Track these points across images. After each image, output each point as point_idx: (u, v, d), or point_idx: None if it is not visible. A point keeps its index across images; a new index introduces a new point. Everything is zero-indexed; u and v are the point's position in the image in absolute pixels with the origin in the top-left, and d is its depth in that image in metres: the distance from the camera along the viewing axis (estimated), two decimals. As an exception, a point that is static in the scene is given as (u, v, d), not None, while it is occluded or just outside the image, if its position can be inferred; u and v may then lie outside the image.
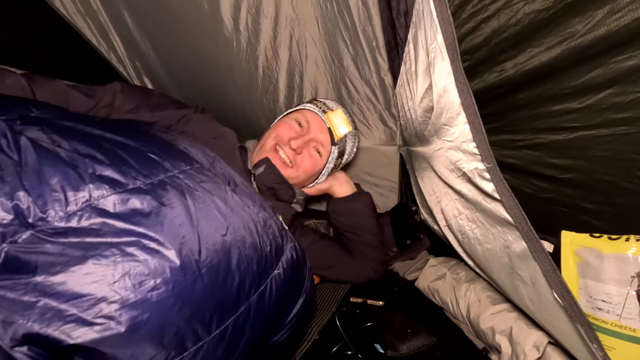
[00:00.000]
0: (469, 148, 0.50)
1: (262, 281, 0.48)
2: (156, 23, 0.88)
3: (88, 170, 0.38)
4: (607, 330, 0.52)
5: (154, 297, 0.36)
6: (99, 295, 0.34)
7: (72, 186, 0.36)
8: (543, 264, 0.45)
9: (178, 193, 0.43)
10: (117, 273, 0.35)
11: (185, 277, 0.39)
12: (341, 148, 0.85)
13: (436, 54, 0.50)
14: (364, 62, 0.80)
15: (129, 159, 0.42)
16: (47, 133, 0.39)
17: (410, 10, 0.58)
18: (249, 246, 0.46)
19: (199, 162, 0.50)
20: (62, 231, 0.34)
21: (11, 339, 0.32)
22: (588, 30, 0.47)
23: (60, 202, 0.35)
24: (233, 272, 0.44)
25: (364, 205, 0.91)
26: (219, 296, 0.42)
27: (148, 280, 0.36)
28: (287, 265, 0.52)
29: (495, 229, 0.53)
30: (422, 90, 0.60)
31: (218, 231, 0.44)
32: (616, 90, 0.48)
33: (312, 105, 0.85)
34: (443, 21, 0.46)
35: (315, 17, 0.76)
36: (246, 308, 0.45)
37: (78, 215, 0.35)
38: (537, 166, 0.64)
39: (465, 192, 0.57)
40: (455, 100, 0.48)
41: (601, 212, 0.58)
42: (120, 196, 0.38)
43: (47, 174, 0.35)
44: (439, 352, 0.69)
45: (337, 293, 0.86)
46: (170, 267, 0.38)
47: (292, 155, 0.79)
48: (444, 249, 0.86)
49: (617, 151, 0.52)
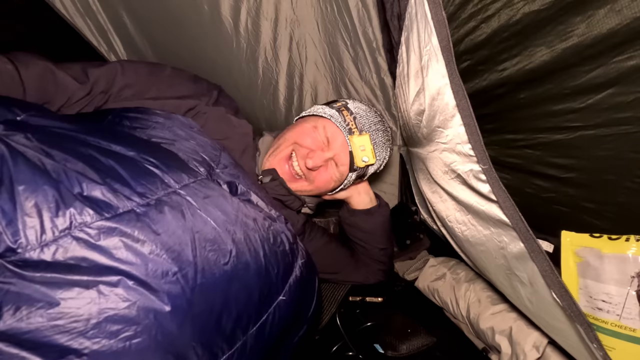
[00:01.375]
0: (464, 150, 0.50)
1: (264, 312, 0.43)
2: (156, 24, 0.88)
3: (74, 190, 0.33)
4: (607, 330, 0.52)
5: (133, 346, 0.31)
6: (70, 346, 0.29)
7: (51, 210, 0.31)
8: (541, 264, 0.45)
9: (177, 214, 0.38)
10: (93, 319, 0.30)
11: (172, 322, 0.34)
12: (360, 173, 0.74)
13: (430, 56, 0.49)
14: (364, 63, 0.80)
15: (124, 173, 0.37)
16: (33, 141, 0.34)
17: (403, 13, 0.58)
18: (253, 274, 0.42)
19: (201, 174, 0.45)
20: (34, 264, 0.30)
21: None
22: (589, 30, 0.46)
23: (35, 229, 0.30)
24: (230, 307, 0.39)
25: (380, 221, 0.84)
26: (211, 337, 0.37)
27: (127, 328, 0.31)
28: (295, 288, 0.47)
29: (489, 230, 0.53)
30: (413, 93, 0.60)
31: (219, 260, 0.39)
32: (617, 90, 0.48)
33: (339, 116, 0.71)
34: (438, 23, 0.46)
35: (315, 19, 0.76)
36: (242, 344, 0.40)
37: (54, 246, 0.30)
38: (538, 166, 0.63)
39: (457, 195, 0.57)
40: (449, 102, 0.48)
41: (602, 211, 0.58)
42: (107, 223, 0.33)
43: (23, 194, 0.30)
44: (439, 352, 0.69)
45: (337, 293, 0.86)
46: (156, 311, 0.33)
47: (306, 171, 0.71)
48: (444, 249, 0.86)
49: (619, 151, 0.51)
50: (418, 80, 0.57)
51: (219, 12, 0.77)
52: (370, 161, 0.71)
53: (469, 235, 0.60)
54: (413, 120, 0.65)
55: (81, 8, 0.90)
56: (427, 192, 0.74)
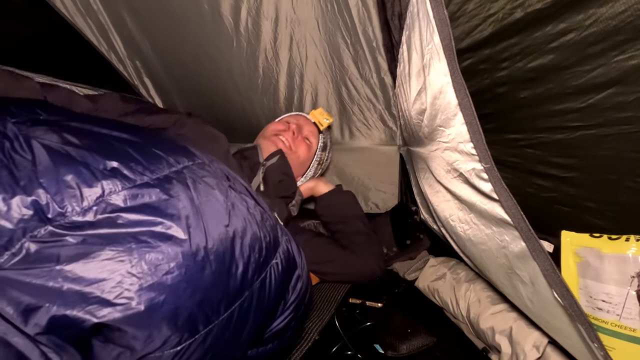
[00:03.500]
0: (466, 149, 0.50)
1: (263, 269, 0.50)
2: (156, 23, 0.88)
3: (99, 167, 0.40)
4: (607, 330, 0.52)
5: (169, 280, 0.39)
6: (119, 277, 0.36)
7: (86, 183, 0.38)
8: (542, 264, 0.45)
9: (183, 186, 0.45)
10: (134, 258, 0.37)
11: (195, 263, 0.41)
12: (325, 139, 0.98)
13: (432, 55, 0.49)
14: (364, 62, 0.80)
15: (136, 155, 0.44)
16: (57, 133, 0.41)
17: (404, 12, 0.58)
18: (250, 236, 0.49)
19: (199, 158, 0.52)
20: (80, 225, 0.37)
21: (35, 324, 0.33)
22: (590, 28, 0.46)
23: (77, 197, 0.37)
24: (237, 259, 0.46)
25: (347, 196, 0.99)
26: (226, 282, 0.44)
27: (163, 265, 0.39)
28: (284, 256, 0.54)
29: (491, 229, 0.53)
30: (414, 92, 0.60)
31: (221, 222, 0.46)
32: (618, 89, 0.48)
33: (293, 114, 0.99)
34: (440, 22, 0.46)
35: (316, 18, 0.76)
36: (249, 294, 0.47)
37: (93, 210, 0.38)
38: (539, 165, 0.63)
39: (460, 194, 0.57)
40: (451, 101, 0.48)
41: (603, 211, 0.58)
42: (130, 191, 0.40)
43: (62, 171, 0.37)
44: (439, 352, 0.69)
45: (337, 293, 0.86)
46: (182, 252, 0.40)
47: (291, 139, 0.91)
48: (444, 249, 0.86)
49: (620, 150, 0.51)
50: (420, 79, 0.56)
51: (220, 11, 0.77)
52: (330, 120, 0.96)
53: (471, 234, 0.59)
54: (414, 119, 0.65)
55: (82, 8, 0.90)
56: (428, 192, 0.74)
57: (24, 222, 0.34)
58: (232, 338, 0.45)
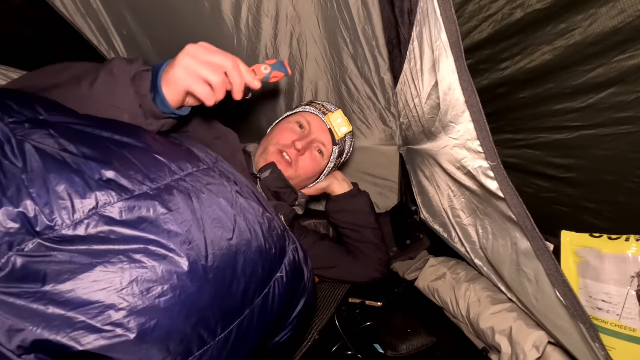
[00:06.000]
0: (473, 146, 0.50)
1: (266, 285, 0.48)
2: (157, 21, 0.88)
3: (95, 177, 0.37)
4: (607, 330, 0.52)
5: (162, 304, 0.36)
6: (108, 302, 0.34)
7: (79, 193, 0.35)
8: (546, 263, 0.45)
9: (185, 197, 0.42)
10: (125, 280, 0.35)
11: (192, 284, 0.38)
12: (341, 148, 0.86)
13: (441, 52, 0.49)
14: (363, 61, 0.80)
15: (136, 162, 0.41)
16: (54, 137, 0.38)
17: (415, 8, 0.58)
18: (255, 250, 0.46)
19: (204, 163, 0.50)
20: (70, 239, 0.34)
21: (18, 347, 0.31)
22: (590, 28, 0.46)
23: (68, 210, 0.34)
24: (239, 277, 0.43)
25: (362, 202, 0.91)
26: (225, 302, 0.42)
27: (156, 287, 0.36)
28: (290, 268, 0.52)
29: (506, 225, 0.53)
30: (428, 87, 0.60)
31: (225, 235, 0.43)
32: (618, 89, 0.48)
33: (311, 107, 0.85)
34: (447, 20, 0.46)
35: (316, 16, 0.76)
36: (250, 312, 0.45)
37: (85, 223, 0.35)
38: (538, 166, 0.63)
39: (475, 189, 0.57)
40: (460, 99, 0.48)
41: (603, 211, 0.58)
42: (126, 203, 0.37)
43: (54, 181, 0.35)
44: (439, 352, 0.69)
45: (337, 293, 0.86)
46: (178, 273, 0.38)
47: (294, 156, 0.79)
48: (444, 249, 0.86)
49: (619, 151, 0.51)
50: (433, 75, 0.56)
51: (220, 9, 0.77)
52: (348, 129, 0.83)
53: (490, 229, 0.59)
54: (427, 114, 0.65)
55: (82, 8, 0.90)
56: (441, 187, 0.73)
57: (10, 236, 0.32)
58: (230, 357, 0.43)
